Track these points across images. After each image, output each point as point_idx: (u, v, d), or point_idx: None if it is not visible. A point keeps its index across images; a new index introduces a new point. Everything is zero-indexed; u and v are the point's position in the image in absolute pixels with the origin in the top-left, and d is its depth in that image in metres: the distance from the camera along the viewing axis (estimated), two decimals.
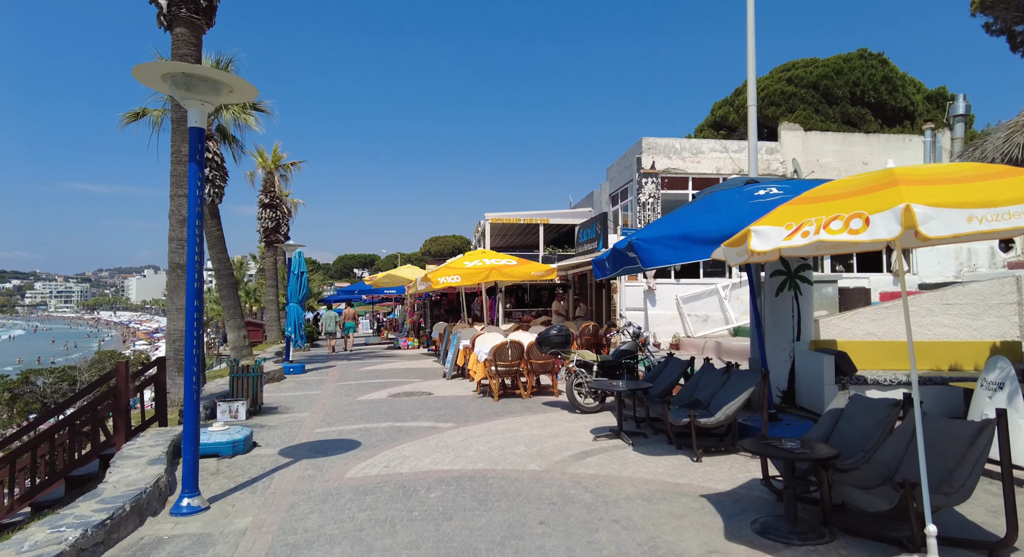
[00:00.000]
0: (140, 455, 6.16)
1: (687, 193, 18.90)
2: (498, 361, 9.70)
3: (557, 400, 9.79)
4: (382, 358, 18.34)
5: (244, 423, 8.76)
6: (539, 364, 9.91)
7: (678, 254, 5.49)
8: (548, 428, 7.84)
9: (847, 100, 28.30)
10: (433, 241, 61.74)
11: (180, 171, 12.77)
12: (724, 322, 13.65)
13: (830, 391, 7.28)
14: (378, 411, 9.35)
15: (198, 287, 5.31)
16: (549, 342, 8.70)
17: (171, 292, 12.84)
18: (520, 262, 13.52)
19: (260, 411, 9.61)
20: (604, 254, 7.75)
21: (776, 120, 28.53)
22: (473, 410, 9.16)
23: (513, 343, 9.73)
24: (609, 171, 21.84)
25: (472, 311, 21.46)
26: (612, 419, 8.35)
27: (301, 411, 9.66)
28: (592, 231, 16.24)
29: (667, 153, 18.79)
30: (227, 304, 19.51)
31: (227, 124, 19.47)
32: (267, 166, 26.62)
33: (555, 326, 8.80)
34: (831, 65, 28.91)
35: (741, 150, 19.19)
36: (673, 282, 13.89)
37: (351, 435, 7.83)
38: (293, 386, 12.42)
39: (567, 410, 8.94)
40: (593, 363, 8.75)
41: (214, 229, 19.31)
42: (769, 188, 6.14)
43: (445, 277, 12.97)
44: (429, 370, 14.45)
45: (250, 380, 9.43)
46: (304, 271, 14.62)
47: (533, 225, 23.83)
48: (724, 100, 33.16)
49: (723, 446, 6.55)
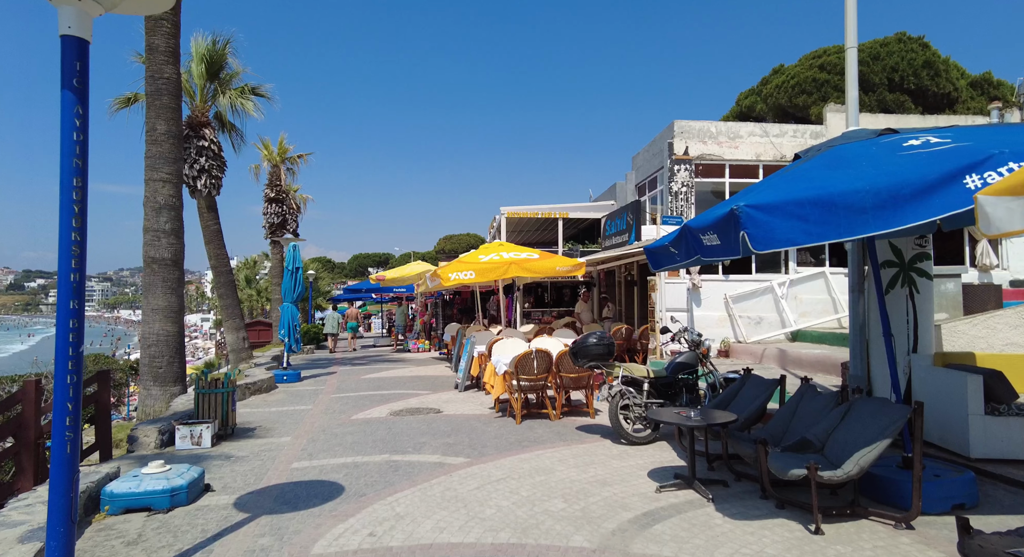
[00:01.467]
0: (20, 520, 4.22)
1: (723, 181, 16.78)
2: (521, 375, 7.72)
3: (594, 423, 7.78)
4: (389, 363, 16.41)
5: (206, 452, 6.85)
6: (571, 379, 7.90)
7: (809, 229, 3.46)
8: (590, 468, 5.83)
9: (884, 87, 25.95)
10: (447, 239, 59.93)
11: (156, 152, 10.88)
12: (780, 325, 11.54)
13: (978, 424, 5.21)
14: (374, 436, 7.40)
15: (76, 282, 3.33)
16: (587, 353, 6.71)
17: (146, 290, 10.99)
18: (543, 255, 11.51)
19: (232, 434, 7.70)
20: (666, 237, 5.73)
21: (807, 109, 26.29)
22: (490, 436, 7.18)
23: (539, 353, 7.74)
24: (635, 160, 19.76)
25: (487, 311, 19.50)
26: (669, 452, 6.33)
27: (282, 434, 7.74)
28: (622, 222, 14.20)
29: (701, 138, 16.68)
30: (224, 303, 17.69)
31: (224, 110, 17.67)
32: (272, 159, 24.84)
33: (595, 332, 6.79)
34: (867, 50, 26.57)
35: (783, 134, 17.02)
36: (721, 278, 11.81)
37: (334, 473, 5.89)
38: (282, 399, 10.52)
39: (609, 439, 6.93)
40: (643, 380, 6.73)
41: (211, 223, 17.47)
42: (925, 137, 4.09)
43: (457, 273, 11.00)
44: (439, 379, 12.49)
45: (219, 397, 7.52)
46: (300, 266, 12.71)
47: (551, 219, 21.77)
48: (750, 89, 30.92)
49: (847, 507, 4.51)
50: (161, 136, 10.74)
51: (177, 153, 10.98)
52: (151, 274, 10.67)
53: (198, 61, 16.75)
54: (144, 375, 10.59)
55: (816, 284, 11.87)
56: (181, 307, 11.02)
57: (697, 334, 7.23)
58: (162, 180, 10.74)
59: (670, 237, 5.62)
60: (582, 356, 6.77)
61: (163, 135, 10.74)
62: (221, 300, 17.65)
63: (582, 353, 6.76)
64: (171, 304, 10.69)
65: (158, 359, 10.59)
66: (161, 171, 10.73)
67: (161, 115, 10.76)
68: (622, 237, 14.20)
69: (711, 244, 4.15)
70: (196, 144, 16.66)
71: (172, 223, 10.81)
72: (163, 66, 10.76)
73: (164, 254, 10.68)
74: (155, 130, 10.74)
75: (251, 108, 17.22)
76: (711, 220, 4.12)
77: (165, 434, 7.06)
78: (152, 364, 10.56)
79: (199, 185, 16.65)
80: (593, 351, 6.72)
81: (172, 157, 10.84)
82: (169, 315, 10.68)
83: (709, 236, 4.16)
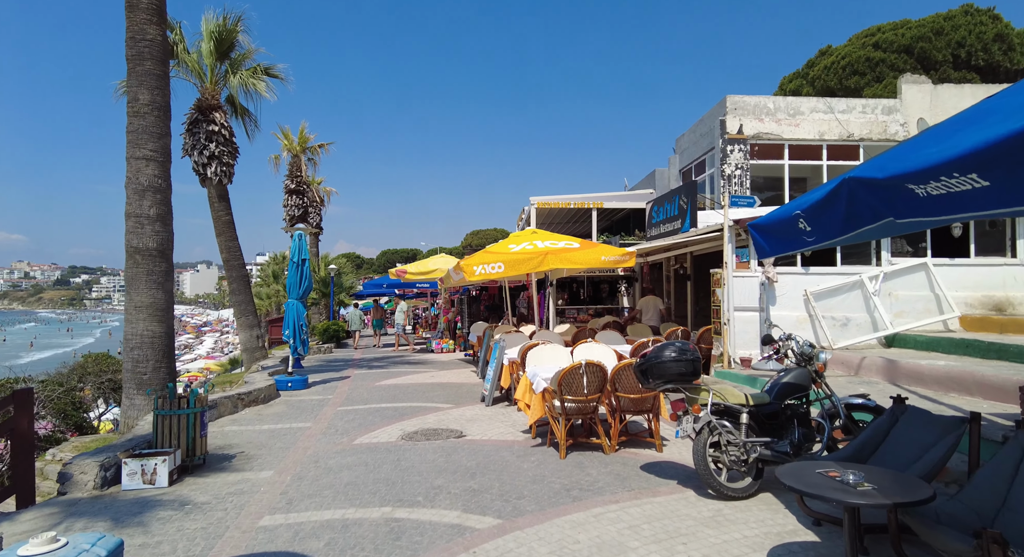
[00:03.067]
0: None
1: (782, 163, 14.55)
2: (567, 394, 5.79)
3: (662, 459, 5.81)
4: (409, 365, 14.64)
5: (158, 496, 5.10)
6: (632, 400, 5.93)
7: None
8: (678, 546, 3.88)
9: (949, 64, 23.21)
10: (474, 235, 58.23)
11: (139, 126, 9.17)
12: (871, 327, 9.35)
13: None
14: (376, 473, 5.56)
15: None
16: (663, 372, 4.74)
17: (129, 284, 9.35)
18: (584, 244, 9.53)
19: (202, 465, 5.94)
20: (791, 206, 3.74)
21: (858, 92, 23.69)
22: (527, 478, 5.28)
23: (590, 367, 5.80)
24: (679, 142, 17.59)
25: (517, 309, 17.59)
26: (782, 512, 4.34)
27: (263, 466, 5.96)
28: (672, 207, 12.11)
29: (757, 114, 14.47)
30: (237, 299, 16.12)
31: (235, 91, 16.07)
32: (293, 149, 23.32)
33: (673, 343, 4.82)
34: (928, 25, 23.85)
35: (850, 110, 14.70)
36: (800, 271, 9.67)
37: (312, 540, 4.06)
38: (280, 412, 8.79)
39: (691, 487, 4.97)
40: (741, 409, 4.75)
41: (223, 214, 15.85)
42: None
43: (483, 266, 9.10)
44: (463, 387, 10.64)
45: (182, 420, 5.77)
46: (306, 258, 10.95)
47: (585, 210, 19.69)
48: (795, 73, 28.32)
49: None
50: (144, 107, 9.07)
51: (163, 127, 9.31)
52: (134, 266, 9.03)
53: (207, 39, 15.19)
54: (127, 382, 8.98)
55: (916, 278, 9.64)
56: (169, 304, 9.37)
57: (808, 344, 5.21)
58: (145, 158, 9.09)
59: (805, 201, 3.62)
60: (656, 375, 4.80)
61: (146, 106, 9.08)
62: (233, 296, 16.10)
63: (656, 371, 4.79)
64: (157, 300, 9.05)
65: (142, 364, 8.97)
66: (144, 148, 9.07)
67: (144, 83, 9.10)
68: (673, 224, 12.12)
69: (960, 189, 2.16)
70: (206, 129, 15.10)
71: (158, 208, 9.16)
72: (145, 26, 9.09)
73: (149, 243, 9.04)
74: (137, 100, 9.08)
75: (263, 89, 15.56)
76: (965, 149, 2.11)
77: (109, 470, 5.34)
78: (135, 370, 8.95)
79: (209, 173, 15.09)
80: (671, 369, 4.74)
81: (157, 131, 9.18)
82: (155, 313, 9.04)
83: (956, 178, 2.17)
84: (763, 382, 6.52)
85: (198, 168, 15.10)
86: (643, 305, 12.83)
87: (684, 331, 9.79)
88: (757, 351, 9.09)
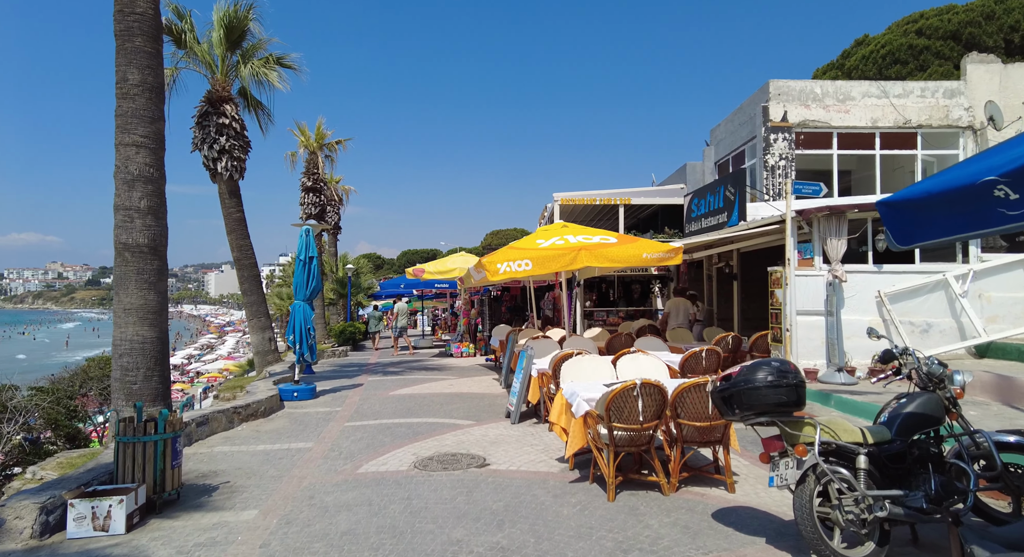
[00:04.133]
0: None
1: (831, 153, 13.15)
2: (616, 421, 4.58)
3: (737, 502, 4.57)
4: (427, 371, 13.52)
5: (109, 548, 4.02)
6: (698, 429, 4.70)
7: None
8: None
9: (1001, 49, 21.44)
10: (494, 235, 57.18)
11: (128, 108, 8.13)
12: (959, 335, 7.93)
13: None
14: (380, 520, 4.41)
15: None
16: (755, 400, 3.51)
17: (118, 284, 8.35)
18: (622, 239, 8.30)
19: (174, 500, 4.85)
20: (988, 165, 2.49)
21: (902, 81, 22.02)
22: (568, 533, 4.08)
23: (648, 388, 4.57)
24: (714, 132, 16.22)
25: (542, 311, 16.37)
26: None
27: (247, 503, 4.85)
28: (717, 198, 10.79)
29: (803, 100, 13.09)
30: (249, 299, 15.17)
31: (246, 83, 15.13)
32: (310, 145, 22.40)
33: (767, 361, 3.59)
34: (977, 9, 22.14)
35: (907, 94, 13.24)
36: (872, 269, 8.29)
37: None
38: (279, 428, 7.71)
39: (785, 547, 3.74)
40: (857, 449, 3.50)
41: (234, 210, 14.90)
42: None
43: (508, 264, 7.91)
44: (485, 398, 9.46)
45: (148, 448, 4.69)
46: (314, 255, 9.87)
47: (611, 206, 18.36)
48: (830, 64, 26.74)
49: None
50: (134, 88, 8.06)
51: (156, 111, 8.29)
52: (123, 264, 8.02)
53: (217, 26, 14.28)
54: (115, 392, 7.98)
55: (1012, 277, 8.20)
56: (162, 306, 8.35)
57: (937, 362, 3.92)
58: (136, 144, 8.07)
59: (1001, 163, 2.38)
60: (745, 406, 3.56)
61: (136, 87, 8.06)
62: (245, 297, 15.16)
63: (746, 399, 3.55)
64: (148, 302, 8.03)
65: (132, 372, 7.94)
66: (134, 133, 8.06)
67: (134, 61, 8.08)
68: (718, 217, 10.79)
69: None
70: (216, 122, 14.19)
71: (149, 200, 8.14)
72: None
73: (139, 239, 8.02)
74: (126, 80, 8.07)
75: (275, 79, 14.58)
76: None
77: (53, 513, 4.27)
78: (124, 379, 7.92)
79: (219, 168, 14.16)
80: (767, 398, 3.50)
81: (149, 115, 8.16)
82: (146, 316, 8.01)
83: None
84: (865, 406, 5.23)
85: (208, 163, 14.20)
86: (671, 307, 11.30)
87: (735, 337, 8.49)
88: (823, 361, 7.78)
